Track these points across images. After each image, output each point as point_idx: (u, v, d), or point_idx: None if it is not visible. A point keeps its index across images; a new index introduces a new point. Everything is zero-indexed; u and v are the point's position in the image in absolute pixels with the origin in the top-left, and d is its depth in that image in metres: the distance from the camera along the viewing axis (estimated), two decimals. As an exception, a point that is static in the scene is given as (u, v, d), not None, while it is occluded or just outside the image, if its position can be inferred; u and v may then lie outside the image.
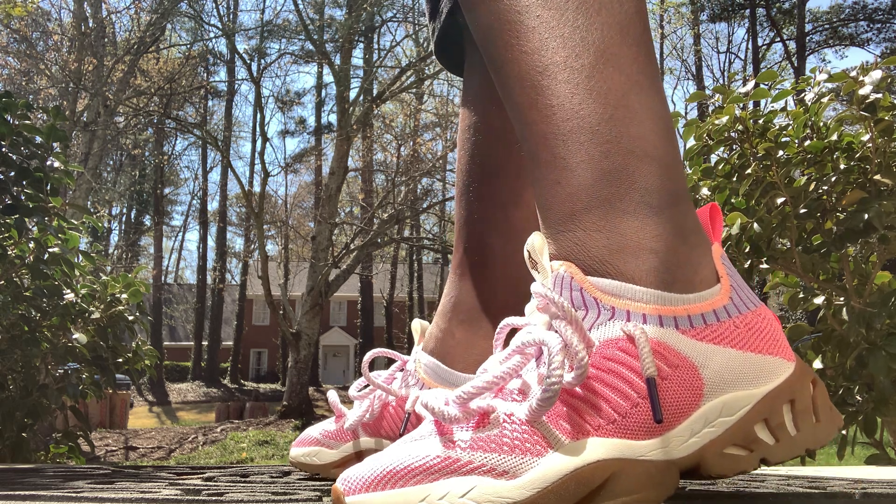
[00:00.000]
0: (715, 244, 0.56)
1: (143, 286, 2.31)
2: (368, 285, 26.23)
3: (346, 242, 15.70)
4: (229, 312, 29.49)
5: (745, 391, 0.50)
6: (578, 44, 0.53)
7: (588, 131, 0.52)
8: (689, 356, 0.49)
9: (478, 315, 0.82)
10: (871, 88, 1.49)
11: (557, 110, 0.53)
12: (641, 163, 0.53)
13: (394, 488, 0.44)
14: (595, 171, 0.52)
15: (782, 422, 0.51)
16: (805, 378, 0.53)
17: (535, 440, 0.46)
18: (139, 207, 29.93)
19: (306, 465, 0.83)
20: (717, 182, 1.77)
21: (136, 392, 22.91)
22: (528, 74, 0.54)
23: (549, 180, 0.54)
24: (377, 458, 0.47)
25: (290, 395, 14.04)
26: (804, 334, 1.77)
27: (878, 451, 1.65)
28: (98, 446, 9.72)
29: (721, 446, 0.49)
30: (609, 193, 0.52)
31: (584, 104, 0.53)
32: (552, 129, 0.53)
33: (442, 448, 0.46)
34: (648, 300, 0.50)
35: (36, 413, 2.10)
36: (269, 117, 35.73)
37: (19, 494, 0.60)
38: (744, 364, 0.51)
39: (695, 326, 0.50)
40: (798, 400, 0.52)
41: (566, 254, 0.53)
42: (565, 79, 0.53)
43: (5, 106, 1.97)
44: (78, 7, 12.86)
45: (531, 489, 0.44)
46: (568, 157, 0.53)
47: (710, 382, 0.50)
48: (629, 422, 0.47)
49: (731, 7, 23.72)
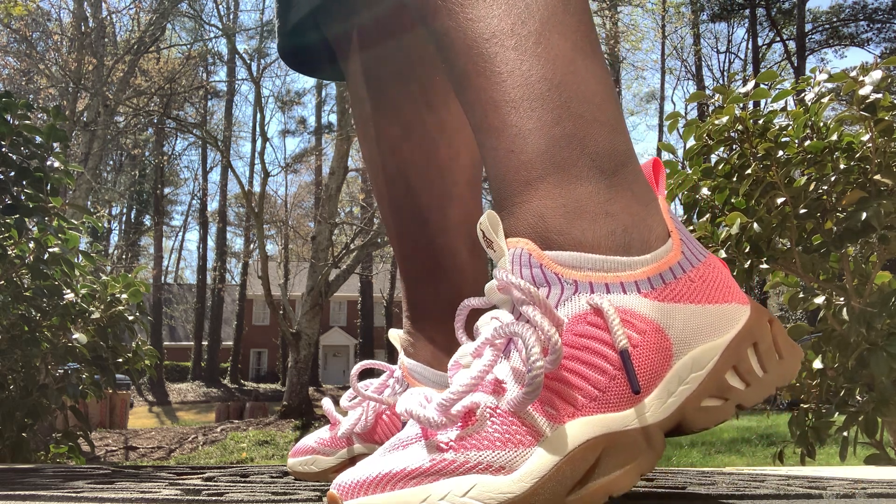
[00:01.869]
0: (660, 198, 0.56)
1: (143, 286, 2.31)
2: (368, 285, 26.23)
3: (346, 242, 15.70)
4: (229, 312, 29.49)
5: (710, 343, 0.51)
6: (524, 11, 0.53)
7: (539, 97, 0.52)
8: (655, 319, 0.50)
9: (449, 317, 0.81)
10: (871, 88, 1.49)
11: (507, 77, 0.52)
12: (591, 127, 0.53)
13: (393, 490, 0.44)
14: (548, 137, 0.52)
15: (750, 366, 0.52)
16: (762, 318, 0.54)
17: (524, 431, 0.46)
18: (139, 207, 29.93)
19: (304, 474, 0.85)
20: (717, 182, 1.77)
21: (136, 392, 22.91)
22: (474, 42, 0.53)
23: (502, 149, 0.53)
24: (369, 462, 0.47)
25: (290, 395, 14.05)
26: (804, 334, 1.77)
27: (878, 452, 1.65)
28: (98, 446, 9.72)
29: (697, 401, 0.50)
30: (562, 159, 0.52)
31: (532, 70, 0.52)
32: (502, 96, 0.52)
33: (435, 451, 0.45)
34: (609, 268, 0.50)
35: (36, 413, 2.10)
36: (269, 117, 35.74)
37: (19, 494, 0.60)
38: (705, 317, 0.52)
39: (655, 288, 0.51)
40: (760, 341, 0.53)
41: (523, 227, 0.52)
42: (513, 45, 0.53)
43: (5, 106, 1.97)
44: (78, 7, 12.87)
45: (530, 480, 0.44)
46: (520, 123, 0.52)
47: (678, 341, 0.50)
48: (609, 395, 0.48)
49: (731, 7, 23.72)
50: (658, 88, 27.42)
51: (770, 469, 1.14)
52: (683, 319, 0.51)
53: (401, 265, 0.86)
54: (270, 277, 14.94)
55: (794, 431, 1.82)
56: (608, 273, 0.50)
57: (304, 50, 0.91)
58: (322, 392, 23.42)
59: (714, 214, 1.80)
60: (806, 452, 1.78)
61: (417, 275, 0.84)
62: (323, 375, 28.62)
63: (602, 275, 0.50)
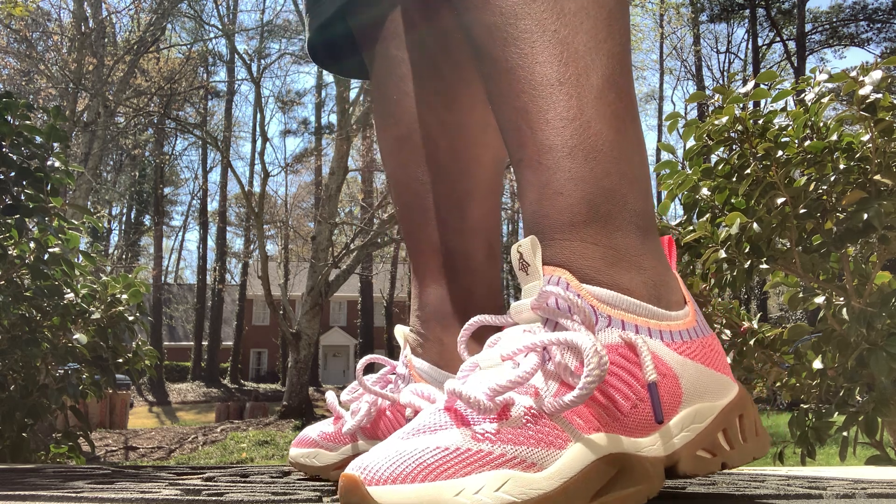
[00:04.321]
0: (675, 271, 0.62)
1: (143, 286, 2.31)
2: (368, 285, 26.23)
3: (346, 242, 15.70)
4: (229, 312, 29.48)
5: (710, 402, 0.57)
6: (589, 64, 0.56)
7: (595, 149, 0.56)
8: (672, 367, 0.55)
9: (459, 319, 0.82)
10: (872, 89, 1.49)
11: (569, 125, 0.56)
12: (633, 186, 0.57)
13: (423, 481, 0.44)
14: (597, 188, 0.55)
15: (736, 432, 0.58)
16: (748, 398, 0.60)
17: (557, 433, 0.48)
18: (139, 207, 29.92)
19: (306, 467, 0.84)
20: (716, 182, 1.77)
21: (136, 392, 22.90)
22: (540, 85, 0.56)
23: (551, 189, 0.56)
24: (394, 447, 0.46)
25: (290, 395, 14.04)
26: (804, 334, 1.77)
27: (878, 452, 1.65)
28: (98, 446, 9.72)
29: (694, 449, 0.55)
30: (607, 210, 0.56)
31: (592, 123, 0.56)
32: (561, 142, 0.56)
33: (470, 440, 0.46)
34: (642, 313, 0.55)
35: (36, 413, 2.10)
36: (270, 117, 35.73)
37: (19, 494, 0.60)
38: (709, 379, 0.57)
39: (675, 341, 0.56)
40: (745, 416, 0.59)
41: (562, 260, 0.55)
42: (577, 95, 0.56)
43: (5, 106, 1.97)
44: (78, 7, 12.86)
45: (559, 479, 0.46)
46: (573, 170, 0.55)
47: (687, 392, 0.55)
48: (628, 421, 0.51)
49: (731, 7, 23.71)
50: (657, 88, 27.41)
51: (770, 469, 1.14)
52: (694, 375, 0.56)
53: (414, 264, 0.86)
54: (270, 277, 14.94)
55: (794, 431, 1.82)
56: (639, 317, 0.54)
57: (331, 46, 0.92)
58: (322, 392, 23.42)
59: (714, 214, 1.80)
60: (806, 452, 1.78)
61: (431, 275, 0.84)
62: (323, 375, 28.61)
63: (634, 317, 0.54)
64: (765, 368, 1.89)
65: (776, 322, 10.58)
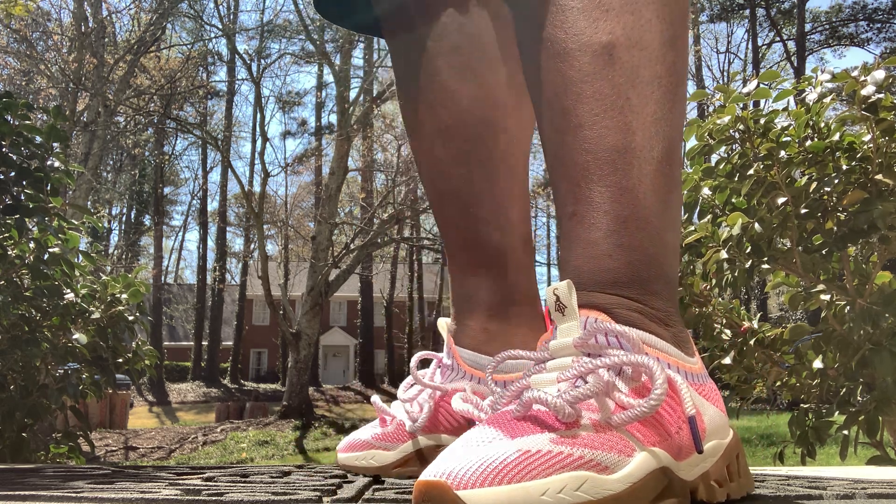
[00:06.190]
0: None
1: (143, 286, 2.31)
2: (368, 285, 26.23)
3: (346, 242, 15.71)
4: (229, 312, 29.47)
5: (720, 440, 0.62)
6: (654, 136, 0.59)
7: (646, 220, 0.60)
8: (699, 405, 0.60)
9: (505, 308, 0.87)
10: (874, 88, 1.48)
11: (627, 194, 0.59)
12: (668, 254, 0.62)
13: (511, 483, 0.46)
14: (642, 256, 0.60)
15: (735, 468, 0.64)
16: (739, 442, 0.67)
17: (624, 442, 0.52)
18: (139, 207, 29.92)
19: (362, 468, 0.85)
20: (718, 182, 1.76)
21: (136, 392, 22.91)
22: (605, 150, 0.59)
23: (599, 250, 0.60)
24: (475, 453, 0.48)
25: (290, 395, 14.05)
26: (804, 334, 1.77)
27: (878, 452, 1.65)
28: (98, 446, 9.72)
29: (709, 479, 0.60)
30: (647, 276, 0.60)
31: (648, 196, 0.59)
32: (617, 209, 0.59)
33: (550, 444, 0.49)
34: (672, 354, 0.60)
35: (36, 413, 2.10)
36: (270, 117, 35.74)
37: (19, 494, 0.60)
38: (720, 419, 0.63)
39: (695, 382, 0.61)
40: (740, 454, 0.66)
41: (599, 306, 0.59)
42: (638, 166, 0.59)
43: (5, 106, 1.97)
44: (78, 7, 12.86)
45: (627, 482, 0.50)
46: (624, 237, 0.59)
47: (708, 428, 0.61)
48: (672, 443, 0.56)
49: (731, 7, 23.72)
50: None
51: (770, 469, 1.14)
52: (711, 414, 0.61)
53: (453, 257, 0.90)
54: (270, 277, 14.94)
55: (794, 431, 1.81)
56: (671, 357, 0.59)
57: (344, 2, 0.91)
58: (322, 392, 23.42)
59: (715, 214, 1.80)
60: (806, 452, 1.78)
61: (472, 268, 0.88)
62: (323, 375, 28.61)
63: (667, 356, 0.59)
64: (765, 368, 1.89)
65: (776, 322, 10.58)
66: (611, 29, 0.58)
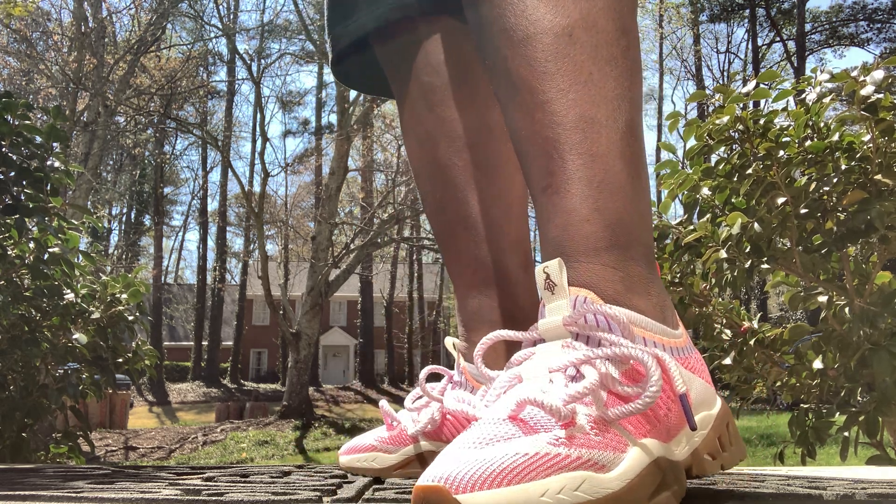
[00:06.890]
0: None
1: (143, 286, 2.31)
2: (368, 285, 26.22)
3: (346, 242, 15.71)
4: (229, 312, 29.47)
5: (708, 412, 0.63)
6: (617, 109, 0.63)
7: (617, 185, 0.62)
8: (686, 380, 0.60)
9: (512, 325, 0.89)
10: (874, 88, 1.48)
11: (598, 160, 0.61)
12: (643, 220, 0.64)
13: (510, 485, 0.46)
14: (617, 220, 0.61)
15: (726, 438, 0.64)
16: (728, 410, 0.67)
17: (618, 438, 0.53)
18: (139, 207, 29.91)
19: (363, 469, 0.88)
20: (717, 182, 1.76)
21: (136, 392, 22.91)
22: (573, 120, 0.62)
23: (578, 216, 0.61)
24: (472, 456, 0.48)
25: (290, 395, 14.05)
26: (804, 334, 1.77)
27: (878, 452, 1.65)
28: (98, 446, 9.73)
29: (701, 454, 0.61)
30: (625, 240, 0.62)
31: (616, 162, 0.62)
32: (590, 174, 0.61)
33: (548, 445, 0.49)
34: (657, 331, 0.60)
35: (36, 413, 2.10)
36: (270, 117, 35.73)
37: (19, 494, 0.60)
38: (706, 391, 0.63)
39: (680, 356, 0.62)
40: (730, 423, 0.66)
41: (585, 282, 0.60)
42: (606, 135, 0.62)
43: (5, 106, 1.97)
44: (78, 7, 12.86)
45: (624, 480, 0.50)
46: (600, 201, 0.61)
47: (695, 402, 0.61)
48: (661, 427, 0.56)
49: (731, 7, 23.72)
50: (657, 88, 27.42)
51: (770, 469, 1.14)
52: (697, 387, 0.62)
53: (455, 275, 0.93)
54: (270, 277, 14.94)
55: (794, 431, 1.81)
56: (656, 334, 0.60)
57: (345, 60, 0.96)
58: (322, 392, 23.42)
59: (714, 214, 1.80)
60: (806, 452, 1.78)
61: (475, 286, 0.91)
62: (323, 375, 28.62)
63: (652, 334, 0.60)
64: (765, 368, 1.89)
65: (776, 322, 10.57)
66: (569, 13, 0.63)
